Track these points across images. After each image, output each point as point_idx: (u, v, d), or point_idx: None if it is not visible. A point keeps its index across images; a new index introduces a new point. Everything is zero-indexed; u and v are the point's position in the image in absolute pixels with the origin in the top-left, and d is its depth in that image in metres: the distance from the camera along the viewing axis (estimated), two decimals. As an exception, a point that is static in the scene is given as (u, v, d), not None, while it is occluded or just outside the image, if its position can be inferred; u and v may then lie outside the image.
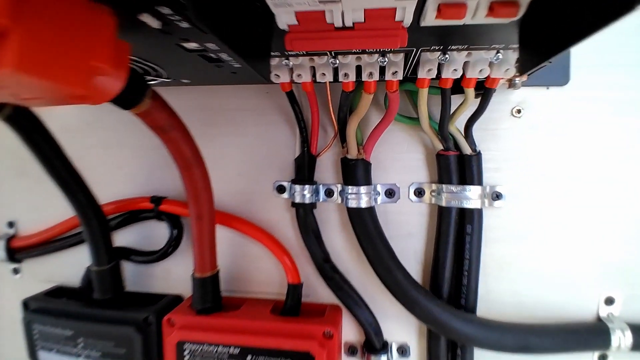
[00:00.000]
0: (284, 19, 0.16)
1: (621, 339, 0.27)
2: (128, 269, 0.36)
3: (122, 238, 0.36)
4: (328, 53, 0.22)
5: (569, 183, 0.30)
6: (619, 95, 0.29)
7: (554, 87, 0.29)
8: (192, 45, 0.21)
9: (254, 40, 0.18)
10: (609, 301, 0.30)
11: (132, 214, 0.35)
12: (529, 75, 0.25)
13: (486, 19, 0.15)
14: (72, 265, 0.36)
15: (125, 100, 0.21)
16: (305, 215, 0.31)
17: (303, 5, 0.15)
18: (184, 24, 0.18)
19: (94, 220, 0.31)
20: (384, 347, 0.32)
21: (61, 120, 0.35)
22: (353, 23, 0.16)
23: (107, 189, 0.35)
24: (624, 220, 0.29)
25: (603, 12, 0.12)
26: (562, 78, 0.29)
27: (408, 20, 0.15)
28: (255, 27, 0.18)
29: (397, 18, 0.15)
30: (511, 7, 0.14)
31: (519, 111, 0.30)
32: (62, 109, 0.36)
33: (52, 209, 0.37)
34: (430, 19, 0.15)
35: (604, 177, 0.29)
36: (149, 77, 0.28)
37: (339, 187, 0.32)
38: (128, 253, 0.35)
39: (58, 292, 0.36)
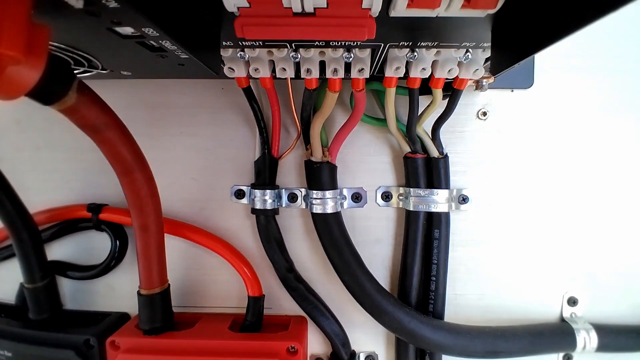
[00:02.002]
0: (233, 0, 0.13)
1: (586, 339, 0.27)
2: (66, 284, 0.32)
3: (58, 250, 0.32)
4: (288, 45, 0.20)
5: (533, 185, 0.30)
6: (582, 98, 0.29)
7: (519, 89, 0.29)
8: (126, 30, 0.18)
9: (200, 26, 0.16)
10: (572, 302, 0.30)
11: (68, 224, 0.31)
12: (496, 76, 0.24)
13: (461, 11, 0.13)
14: (6, 280, 0.31)
15: (45, 93, 0.18)
16: (266, 223, 0.29)
17: (255, -15, 0.12)
18: (112, 4, 0.15)
19: (24, 233, 0.27)
20: (352, 358, 0.30)
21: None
22: (314, 9, 0.14)
23: (38, 196, 0.31)
24: (585, 222, 0.30)
25: (582, 11, 0.11)
26: (526, 81, 0.28)
27: (376, 9, 0.14)
28: (200, 9, 0.15)
29: (365, 5, 0.13)
30: (489, -4, 0.13)
31: (484, 113, 0.29)
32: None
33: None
34: (401, 8, 0.13)
35: (566, 179, 0.30)
36: (81, 69, 0.24)
37: (303, 191, 0.30)
38: (64, 268, 0.31)
39: None
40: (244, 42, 0.20)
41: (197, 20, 0.15)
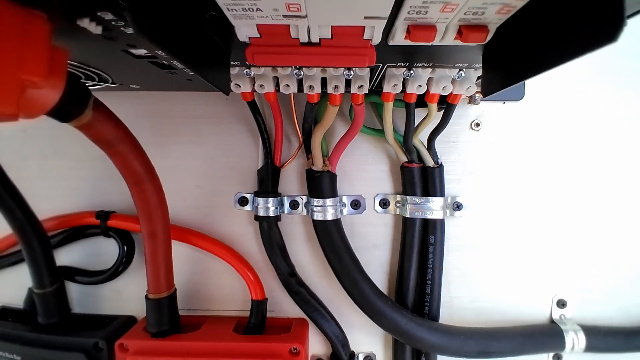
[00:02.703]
0: (245, 31, 0.15)
1: (575, 340, 0.29)
2: (73, 289, 0.33)
3: (65, 256, 0.32)
4: (282, 66, 0.21)
5: (523, 193, 0.31)
6: (570, 109, 0.31)
7: (510, 101, 0.30)
8: (140, 51, 0.19)
9: (210, 50, 0.17)
10: (561, 304, 0.31)
11: (76, 230, 0.32)
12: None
13: (454, 41, 0.15)
14: (14, 285, 0.32)
15: (63, 112, 0.19)
16: (269, 229, 0.30)
17: (266, 19, 0.14)
18: (129, 30, 0.16)
19: (34, 239, 0.28)
20: (351, 358, 0.31)
21: (-9, 127, 0.31)
22: (319, 39, 0.15)
23: (45, 203, 0.32)
24: (574, 227, 0.31)
25: (574, 43, 0.12)
26: (517, 93, 0.30)
27: (377, 39, 0.15)
28: (210, 36, 0.16)
29: (366, 36, 0.15)
30: (480, 31, 0.14)
31: (477, 124, 0.31)
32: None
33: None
34: (399, 39, 0.15)
35: (555, 187, 0.31)
36: (91, 83, 0.25)
37: (304, 199, 0.31)
38: (73, 273, 0.32)
39: (3, 313, 0.32)
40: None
41: (208, 44, 0.16)
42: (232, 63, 0.21)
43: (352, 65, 0.16)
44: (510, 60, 0.16)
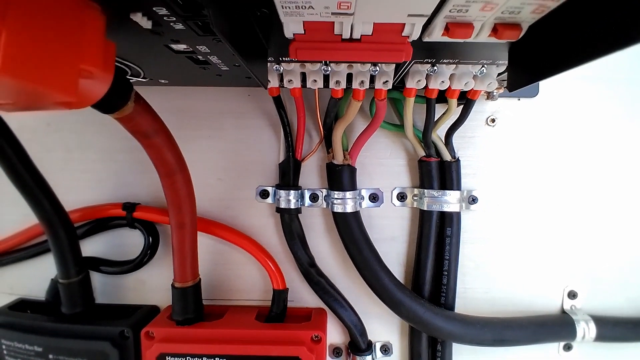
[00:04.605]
0: (292, 27, 0.15)
1: (585, 330, 0.30)
2: (97, 280, 0.33)
3: (89, 247, 0.33)
4: (322, 60, 0.22)
5: (536, 187, 0.32)
6: (584, 106, 0.32)
7: (525, 98, 0.31)
8: (181, 46, 0.20)
9: (255, 45, 0.18)
10: (572, 295, 0.32)
11: (100, 222, 0.32)
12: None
13: (488, 38, 0.16)
14: (33, 277, 0.33)
15: (108, 104, 0.19)
16: (290, 221, 0.31)
17: (314, 16, 0.14)
18: (179, 25, 0.17)
19: (61, 230, 0.28)
20: (369, 347, 0.32)
21: (18, 119, 0.32)
22: (360, 35, 0.16)
23: (69, 195, 0.32)
24: (585, 221, 0.32)
25: (603, 42, 0.13)
26: (532, 90, 0.31)
27: (415, 36, 0.16)
28: (256, 33, 0.17)
29: (405, 33, 0.16)
30: (514, 29, 0.15)
31: (493, 120, 0.32)
32: (19, 108, 0.33)
33: (10, 216, 0.33)
34: (436, 36, 0.16)
35: (568, 182, 0.32)
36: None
37: (324, 192, 0.32)
38: (98, 263, 0.33)
39: (21, 306, 0.33)
40: (283, 58, 0.22)
41: (254, 40, 0.17)
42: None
43: (389, 61, 0.17)
44: (537, 56, 0.17)
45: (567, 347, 0.33)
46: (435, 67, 0.23)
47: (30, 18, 0.13)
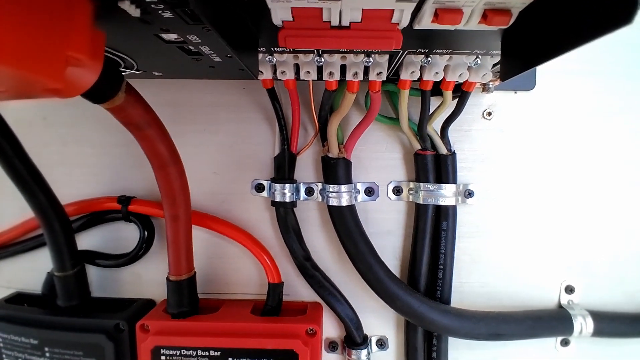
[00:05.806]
0: (280, 14, 0.15)
1: (582, 325, 0.29)
2: (93, 273, 0.33)
3: (85, 241, 0.33)
4: (315, 51, 0.22)
5: (533, 181, 0.32)
6: (581, 99, 0.31)
7: (521, 91, 0.31)
8: (171, 36, 0.20)
9: (245, 34, 0.18)
10: (569, 290, 0.32)
11: (95, 215, 0.33)
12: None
13: (478, 25, 0.15)
14: (31, 271, 0.33)
15: (98, 93, 0.19)
16: (285, 214, 0.31)
17: (302, 2, 0.14)
18: (167, 14, 0.17)
19: (56, 223, 0.28)
20: (364, 341, 0.32)
21: (13, 113, 0.32)
22: (349, 22, 0.16)
23: (65, 189, 0.32)
24: (581, 215, 0.32)
25: (591, 26, 0.13)
26: (529, 83, 0.31)
27: (404, 23, 0.16)
28: (245, 20, 0.17)
29: (394, 20, 0.15)
30: (504, 15, 0.15)
31: (489, 113, 0.31)
32: (14, 102, 0.33)
33: (8, 210, 0.33)
34: (425, 22, 0.15)
35: (564, 176, 0.32)
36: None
37: (319, 185, 0.32)
38: (93, 257, 0.33)
39: (18, 299, 0.33)
40: (275, 48, 0.22)
41: (243, 29, 0.17)
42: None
43: (379, 49, 0.16)
44: (529, 43, 0.17)
45: (565, 342, 0.32)
46: (429, 58, 0.23)
47: (16, 4, 0.13)
